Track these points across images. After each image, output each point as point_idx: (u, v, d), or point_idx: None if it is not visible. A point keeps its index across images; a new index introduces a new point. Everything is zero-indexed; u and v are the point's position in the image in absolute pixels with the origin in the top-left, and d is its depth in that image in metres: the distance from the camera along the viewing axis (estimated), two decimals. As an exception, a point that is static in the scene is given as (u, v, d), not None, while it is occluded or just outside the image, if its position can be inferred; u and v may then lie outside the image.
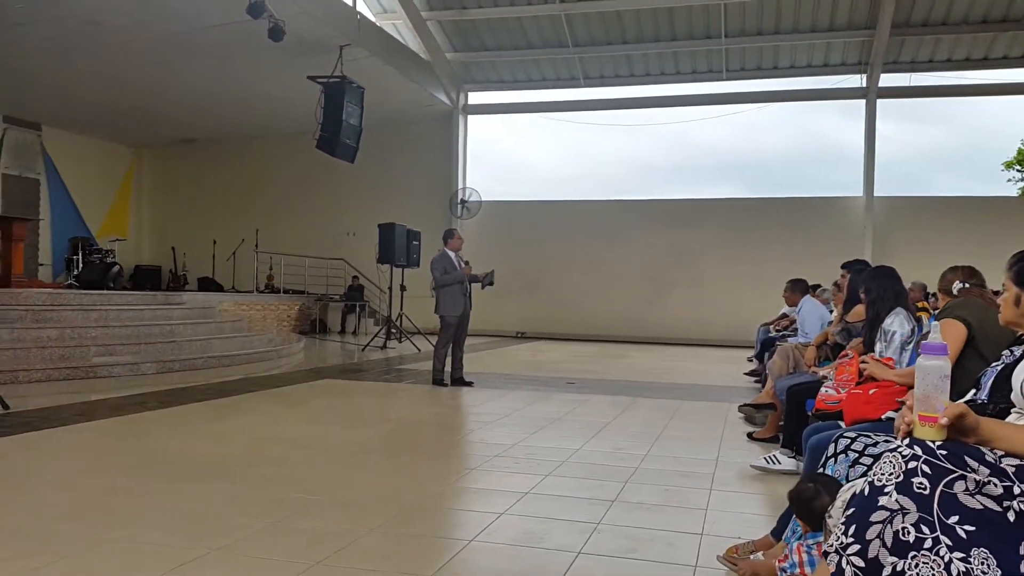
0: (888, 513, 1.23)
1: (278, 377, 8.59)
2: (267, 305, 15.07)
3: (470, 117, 17.95)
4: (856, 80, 15.71)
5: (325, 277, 16.94)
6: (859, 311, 4.88)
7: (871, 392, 2.73)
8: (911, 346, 3.96)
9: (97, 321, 8.88)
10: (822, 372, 4.25)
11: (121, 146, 19.19)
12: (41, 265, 16.18)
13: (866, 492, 1.28)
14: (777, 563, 2.37)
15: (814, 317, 6.12)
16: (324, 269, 16.87)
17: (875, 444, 2.18)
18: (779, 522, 2.81)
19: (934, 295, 9.18)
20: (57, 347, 7.95)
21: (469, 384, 8.05)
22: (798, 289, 6.43)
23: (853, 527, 1.26)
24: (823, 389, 3.42)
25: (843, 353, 3.86)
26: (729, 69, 16.13)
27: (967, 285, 2.63)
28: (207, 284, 17.15)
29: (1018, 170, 19.63)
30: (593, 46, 16.10)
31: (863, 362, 2.97)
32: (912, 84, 15.60)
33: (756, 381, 8.90)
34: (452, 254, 8.15)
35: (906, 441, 1.33)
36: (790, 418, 4.27)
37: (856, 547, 1.23)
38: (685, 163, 17.76)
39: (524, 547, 3.00)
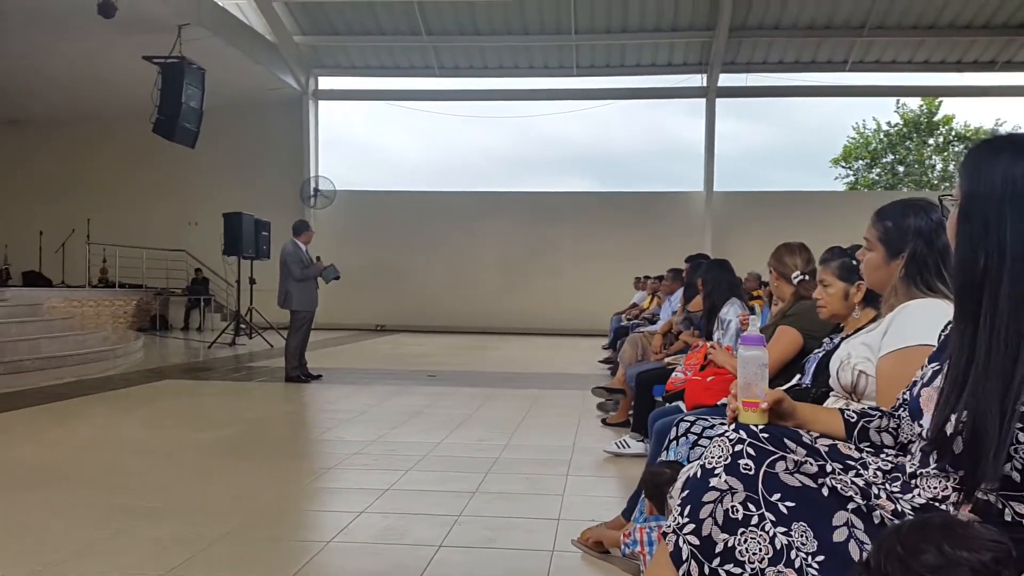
0: (718, 493, 1.33)
1: (115, 378, 8.04)
2: (101, 301, 14.04)
3: (321, 103, 17.46)
4: (697, 79, 16.61)
5: (165, 270, 15.95)
6: (699, 301, 5.20)
7: (708, 379, 2.93)
8: (742, 335, 4.27)
9: (-101, 322, 7.97)
10: (668, 359, 4.50)
11: (-73, 127, 17.24)
12: None
13: (698, 475, 1.38)
14: (622, 537, 2.50)
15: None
16: (164, 261, 15.88)
17: (712, 427, 2.34)
18: (629, 503, 2.95)
19: (766, 284, 9.89)
20: None
21: (318, 377, 7.92)
22: (676, 279, 6.73)
23: (688, 507, 1.35)
24: (674, 373, 3.62)
25: (693, 344, 4.09)
26: (579, 65, 16.59)
27: (806, 278, 2.81)
28: (33, 279, 15.71)
29: (843, 166, 21.55)
30: (447, 36, 16.07)
31: (711, 348, 3.17)
32: (748, 84, 16.69)
33: (608, 368, 9.26)
34: (304, 247, 7.95)
35: (732, 426, 1.44)
36: (639, 403, 4.48)
37: (691, 526, 1.32)
38: (538, 156, 18.21)
39: (384, 544, 2.98)
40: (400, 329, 16.42)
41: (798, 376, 2.44)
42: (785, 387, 2.34)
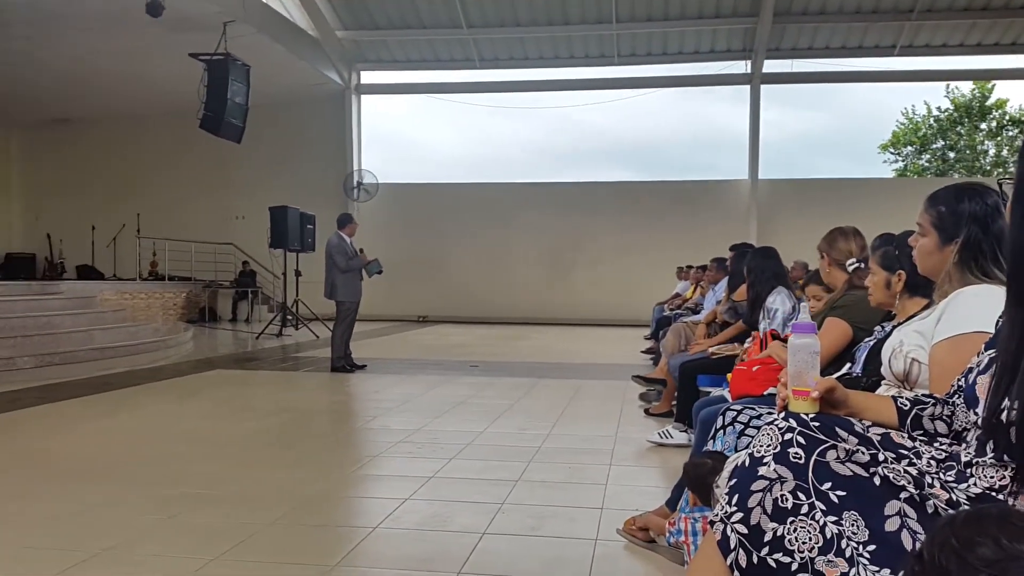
0: (767, 482, 1.31)
1: (166, 369, 8.24)
2: (151, 293, 14.38)
3: (364, 97, 17.61)
4: (741, 66, 16.35)
5: (214, 263, 16.28)
6: (744, 290, 5.13)
7: (754, 369, 2.89)
8: (792, 322, 4.20)
9: (-37, 314, 8.27)
10: (713, 349, 4.45)
11: (-14, 127, 17.84)
12: None
13: (746, 463, 1.36)
14: (667, 525, 2.49)
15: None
16: (212, 255, 16.20)
17: (759, 416, 2.31)
18: (673, 492, 2.93)
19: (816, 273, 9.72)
20: (-85, 343, 7.36)
21: (362, 367, 8.01)
22: (721, 268, 6.65)
23: (736, 496, 1.33)
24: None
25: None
26: (620, 54, 16.45)
27: (861, 265, 2.72)
28: (87, 272, 16.22)
29: (892, 152, 21.03)
30: (487, 28, 16.07)
31: (774, 337, 3.12)
32: (794, 70, 16.37)
33: (651, 358, 9.19)
34: (348, 239, 8.04)
35: (782, 415, 1.42)
36: (682, 393, 4.44)
37: (739, 515, 1.31)
38: (579, 147, 18.09)
39: (429, 531, 3.01)
40: (442, 320, 16.52)
41: (848, 365, 2.40)
42: (835, 376, 2.30)
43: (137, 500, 3.38)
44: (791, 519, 1.28)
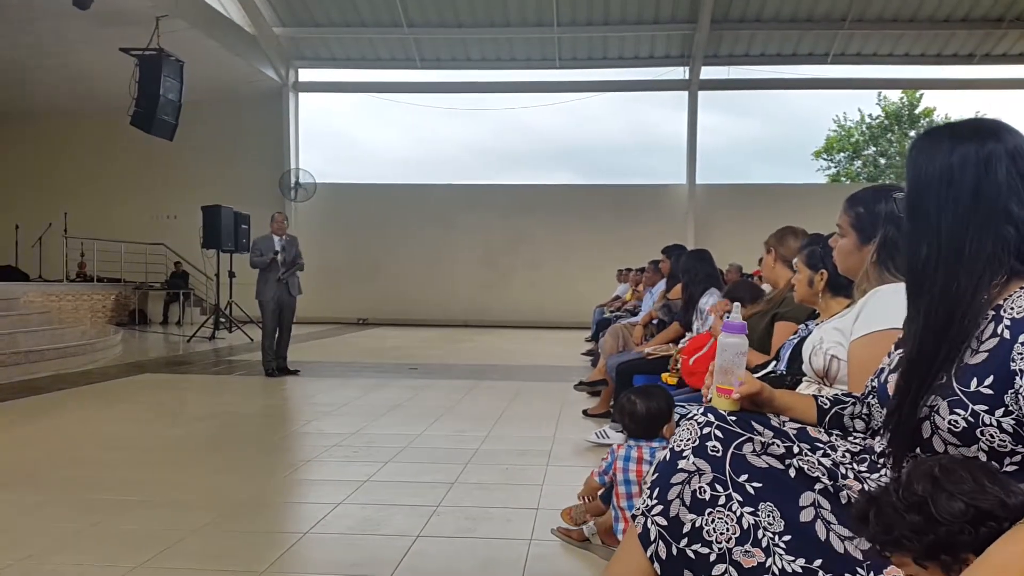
0: (686, 475, 1.33)
1: (93, 373, 7.95)
2: (79, 295, 13.88)
3: (302, 95, 17.34)
4: (679, 72, 16.64)
5: (144, 264, 15.80)
6: (678, 290, 5.22)
7: (691, 362, 2.93)
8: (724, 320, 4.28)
9: None
10: (648, 350, 4.51)
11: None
12: None
13: (667, 458, 1.38)
14: (596, 471, 2.49)
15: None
16: (143, 255, 15.73)
17: (687, 414, 2.36)
18: (607, 490, 2.96)
19: (748, 275, 9.93)
20: None
21: (294, 372, 7.82)
22: (658, 271, 6.73)
23: (657, 490, 1.35)
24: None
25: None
26: (561, 58, 16.57)
27: None
28: (9, 273, 15.49)
29: (825, 159, 21.69)
30: (428, 27, 16.01)
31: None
32: (731, 77, 16.74)
33: (590, 360, 9.27)
34: (276, 237, 7.87)
35: (701, 409, 1.44)
36: (619, 392, 4.48)
37: (659, 508, 1.33)
38: (520, 149, 18.18)
39: (361, 535, 2.97)
40: (382, 323, 16.36)
41: (773, 363, 2.45)
42: (760, 374, 2.35)
43: (58, 507, 3.25)
44: (709, 510, 1.30)
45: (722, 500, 1.30)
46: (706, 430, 1.37)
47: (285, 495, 3.68)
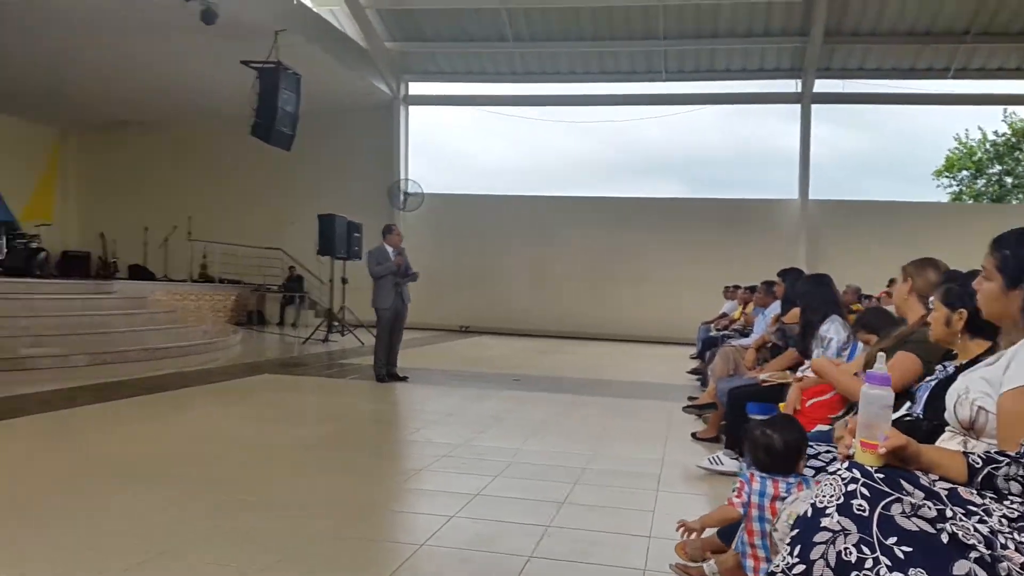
0: (830, 534, 1.30)
1: (216, 371, 8.42)
2: (201, 295, 14.72)
3: (411, 108, 17.81)
4: (791, 85, 16.16)
5: (262, 267, 16.61)
6: (795, 314, 5.08)
7: (808, 404, 2.86)
8: (847, 352, 4.14)
9: (25, 311, 8.57)
10: (762, 377, 4.40)
11: (46, 128, 18.39)
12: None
13: (809, 514, 1.36)
14: (731, 502, 2.39)
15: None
16: (261, 259, 16.53)
17: (816, 455, 2.30)
18: (728, 525, 2.91)
19: (867, 297, 9.53)
20: (-18, 338, 7.64)
21: (403, 379, 8.02)
22: (770, 292, 6.57)
23: (798, 548, 1.33)
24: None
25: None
26: (668, 70, 16.38)
27: None
28: (138, 272, 16.64)
29: (947, 176, 20.59)
30: (533, 42, 16.15)
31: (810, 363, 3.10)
32: (845, 91, 16.13)
33: (697, 379, 9.12)
34: (390, 249, 8.11)
35: (845, 464, 1.41)
36: (732, 420, 4.41)
37: (801, 567, 1.30)
38: (625, 162, 18.05)
39: (475, 551, 3.02)
40: (483, 331, 16.57)
41: (908, 404, 2.36)
42: (895, 416, 2.27)
43: (192, 504, 3.47)
44: (855, 573, 1.27)
45: (869, 563, 1.27)
46: (851, 487, 1.35)
47: (400, 504, 3.79)
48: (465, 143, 18.82)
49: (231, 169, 17.82)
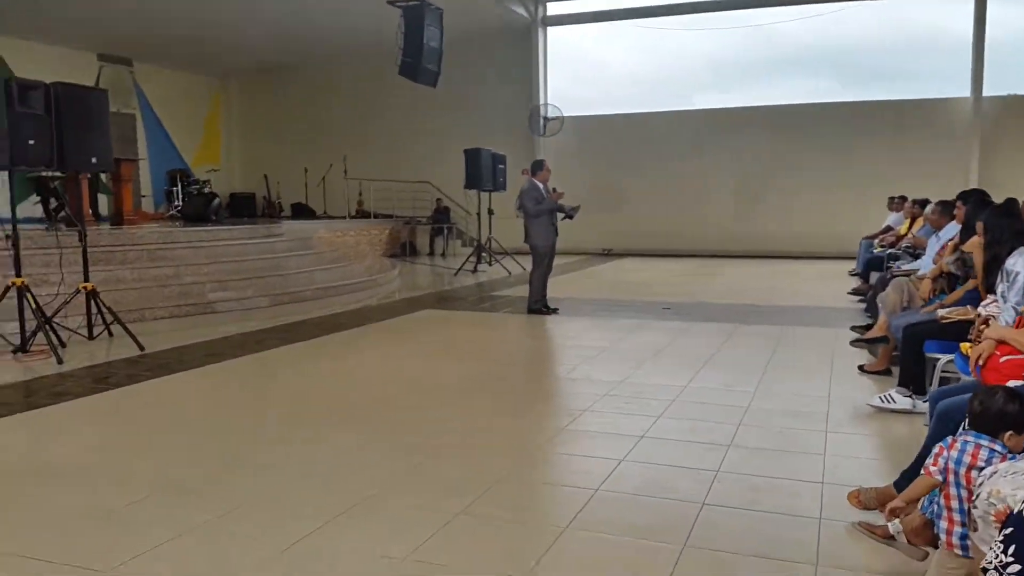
0: (1048, 535, 1.29)
1: (382, 308, 8.93)
2: (360, 231, 15.51)
3: (550, 29, 17.48)
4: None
5: (412, 200, 17.22)
6: (975, 241, 4.74)
7: (1002, 360, 2.71)
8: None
9: (208, 257, 9.36)
10: (941, 313, 4.18)
11: (208, 77, 19.58)
12: (143, 197, 16.94)
13: (1022, 513, 1.34)
14: (927, 471, 2.31)
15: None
16: (411, 192, 17.13)
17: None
18: (902, 476, 2.86)
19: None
20: (175, 285, 8.43)
21: (554, 311, 8.17)
22: (946, 212, 6.14)
23: (1013, 547, 1.32)
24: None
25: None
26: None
27: None
28: (300, 210, 17.69)
29: None
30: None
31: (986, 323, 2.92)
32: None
33: (860, 301, 8.72)
34: (541, 185, 8.18)
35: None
36: (908, 358, 4.24)
37: (1017, 567, 1.30)
38: (775, 66, 16.91)
39: (649, 497, 3.14)
40: (626, 253, 16.46)
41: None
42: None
43: (383, 447, 3.80)
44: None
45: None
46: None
47: (570, 447, 3.95)
48: (605, 61, 18.27)
49: (378, 107, 18.30)
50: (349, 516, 2.94)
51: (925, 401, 4.16)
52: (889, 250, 8.82)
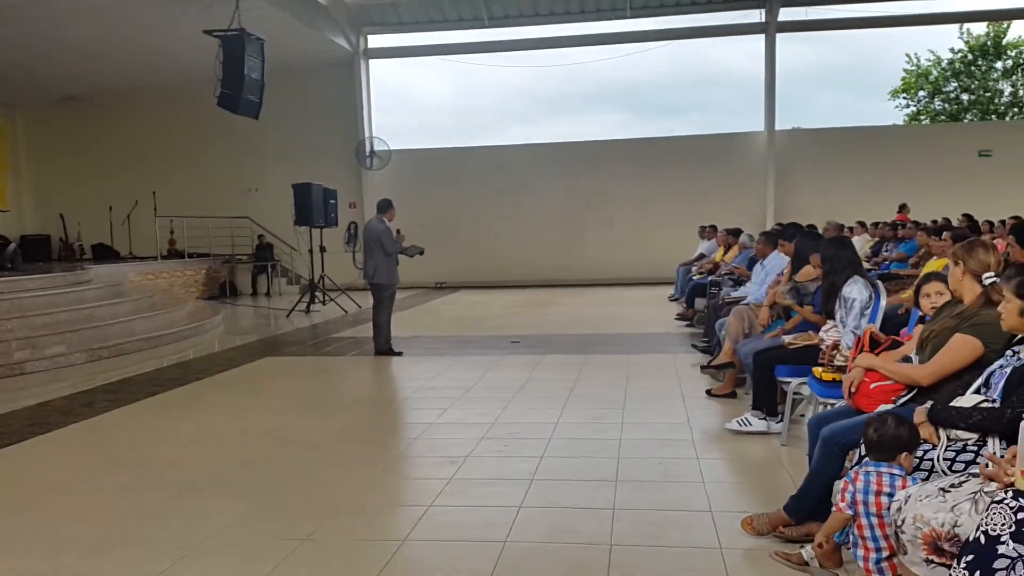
0: (1009, 561, 1.44)
1: (216, 358, 8.34)
2: (173, 272, 14.51)
3: (372, 62, 17.38)
4: (756, 15, 16.11)
5: (230, 237, 16.32)
6: (807, 271, 5.24)
7: (872, 387, 3.00)
8: (870, 311, 4.32)
9: (9, 311, 8.34)
10: (787, 340, 4.57)
11: (-9, 107, 17.61)
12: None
13: (982, 540, 1.48)
14: (838, 507, 2.51)
15: (779, 272, 6.29)
16: (228, 229, 16.25)
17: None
18: (792, 500, 3.06)
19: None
20: (-29, 345, 7.45)
21: (398, 354, 8.01)
22: (770, 242, 6.68)
23: (977, 573, 1.46)
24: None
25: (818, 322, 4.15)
26: (632, 7, 16.17)
27: (998, 280, 2.70)
28: (104, 252, 16.24)
29: (904, 98, 20.88)
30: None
31: (872, 340, 3.24)
32: (809, 18, 16.15)
33: (687, 325, 9.33)
34: (388, 224, 8.08)
35: (1010, 493, 1.53)
36: (759, 382, 4.57)
37: None
38: (593, 104, 17.96)
39: (558, 544, 3.15)
40: (459, 286, 16.59)
41: (984, 391, 2.51)
42: (975, 404, 2.42)
43: (267, 516, 3.51)
44: (1038, 599, 1.40)
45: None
46: (1021, 515, 1.47)
47: (464, 497, 3.77)
48: (429, 95, 18.49)
49: (190, 139, 17.30)
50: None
51: (779, 422, 4.53)
52: (710, 277, 9.51)
